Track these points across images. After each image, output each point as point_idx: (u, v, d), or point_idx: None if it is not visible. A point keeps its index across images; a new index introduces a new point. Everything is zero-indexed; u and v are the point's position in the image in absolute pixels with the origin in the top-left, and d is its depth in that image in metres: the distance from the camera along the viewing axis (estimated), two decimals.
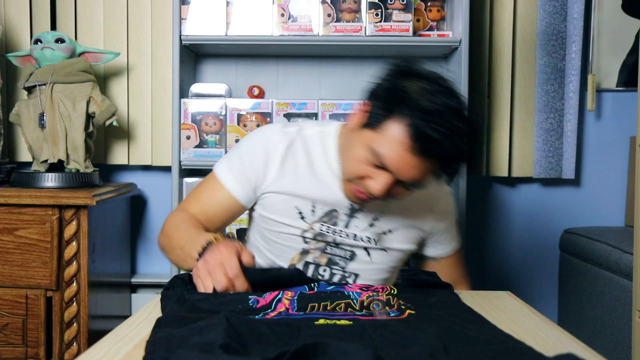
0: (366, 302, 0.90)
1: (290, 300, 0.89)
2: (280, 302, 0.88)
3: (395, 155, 0.99)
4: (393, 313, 0.87)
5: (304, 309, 0.87)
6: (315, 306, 0.88)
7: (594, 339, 1.76)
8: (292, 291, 0.92)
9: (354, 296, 0.92)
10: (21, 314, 1.59)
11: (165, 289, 1.02)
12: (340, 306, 0.89)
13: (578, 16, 1.97)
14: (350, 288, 0.97)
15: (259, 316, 0.84)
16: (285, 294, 0.90)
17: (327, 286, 0.97)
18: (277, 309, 0.87)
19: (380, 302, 0.90)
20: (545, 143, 2.00)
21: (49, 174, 1.70)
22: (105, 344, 0.73)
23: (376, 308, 0.89)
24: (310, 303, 0.88)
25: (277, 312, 0.86)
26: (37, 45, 1.75)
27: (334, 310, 0.88)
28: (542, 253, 2.11)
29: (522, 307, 0.96)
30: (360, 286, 0.99)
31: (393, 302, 0.90)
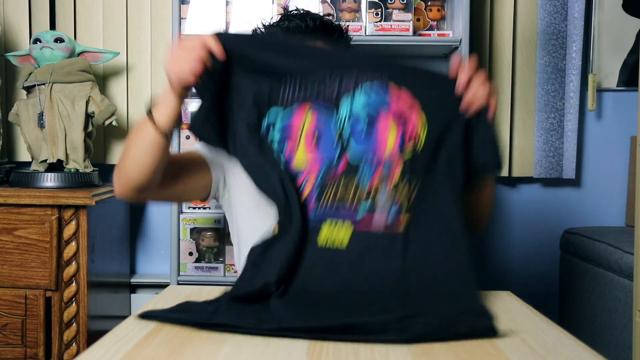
0: (375, 187, 0.98)
1: (313, 186, 0.99)
2: (306, 185, 0.99)
3: None
4: (393, 209, 0.96)
5: (319, 199, 0.97)
6: (328, 195, 0.97)
7: (595, 339, 1.75)
8: (315, 175, 0.99)
9: (366, 180, 0.98)
10: (20, 314, 1.59)
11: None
12: (350, 191, 0.97)
13: (578, 15, 1.96)
14: (385, 114, 1.01)
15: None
16: (309, 179, 0.99)
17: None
18: (303, 192, 0.98)
19: (386, 192, 0.97)
20: (546, 143, 2.00)
21: (48, 173, 1.70)
22: (105, 344, 0.73)
23: (380, 199, 0.97)
24: (327, 189, 0.98)
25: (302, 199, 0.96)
26: (36, 45, 1.75)
27: (342, 201, 0.97)
28: (542, 253, 2.10)
29: (522, 307, 0.95)
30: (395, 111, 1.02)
31: (400, 191, 0.97)
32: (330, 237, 0.95)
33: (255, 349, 0.72)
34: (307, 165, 1.01)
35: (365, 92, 1.03)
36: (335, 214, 0.96)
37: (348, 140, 1.02)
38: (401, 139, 1.01)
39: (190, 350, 0.72)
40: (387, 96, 1.02)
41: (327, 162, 1.01)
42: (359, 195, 0.97)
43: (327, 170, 1.01)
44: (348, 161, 1.01)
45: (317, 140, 1.02)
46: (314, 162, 1.01)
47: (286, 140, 1.02)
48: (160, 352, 0.71)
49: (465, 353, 0.72)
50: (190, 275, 1.80)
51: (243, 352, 0.71)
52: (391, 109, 1.02)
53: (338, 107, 1.03)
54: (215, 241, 1.85)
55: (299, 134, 1.03)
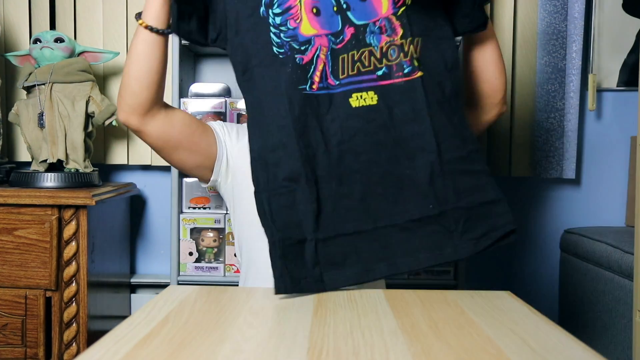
0: (385, 49, 1.07)
1: (326, 56, 1.07)
2: (319, 58, 1.07)
3: None
4: (407, 67, 1.07)
5: (336, 71, 1.07)
6: (346, 64, 1.07)
7: (595, 339, 1.75)
8: (326, 46, 1.08)
9: (375, 42, 1.07)
10: (20, 314, 1.59)
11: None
12: (365, 55, 1.07)
13: (579, 16, 1.96)
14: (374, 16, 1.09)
15: (307, 85, 1.07)
16: (321, 49, 1.07)
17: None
18: (317, 68, 1.07)
19: (396, 48, 1.07)
20: (546, 143, 2.00)
21: (48, 173, 1.70)
22: (105, 344, 0.73)
23: (392, 55, 1.07)
24: (341, 55, 1.07)
25: (319, 76, 1.07)
26: (36, 45, 1.75)
27: (360, 69, 1.07)
28: (542, 253, 2.11)
29: (522, 307, 0.95)
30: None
31: (407, 49, 1.07)
32: (361, 102, 1.06)
33: (256, 349, 0.72)
34: (315, 34, 1.08)
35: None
36: (359, 84, 1.06)
37: (346, 9, 1.09)
38: (393, 3, 1.09)
39: (190, 350, 0.72)
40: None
41: (332, 30, 1.08)
42: (374, 58, 1.07)
43: (335, 39, 1.08)
44: (353, 28, 1.08)
45: (316, 11, 1.09)
46: (320, 32, 1.08)
47: (287, 14, 1.09)
48: (160, 352, 0.71)
49: (465, 353, 0.72)
50: (190, 275, 1.80)
51: (243, 352, 0.71)
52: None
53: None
54: (215, 241, 1.85)
55: (299, 10, 1.09)
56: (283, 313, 0.88)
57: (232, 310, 0.89)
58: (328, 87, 1.07)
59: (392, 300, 0.97)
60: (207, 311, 0.89)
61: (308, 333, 0.78)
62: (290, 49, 1.08)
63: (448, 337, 0.78)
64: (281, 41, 1.09)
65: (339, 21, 1.09)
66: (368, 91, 1.06)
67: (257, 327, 0.81)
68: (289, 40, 1.08)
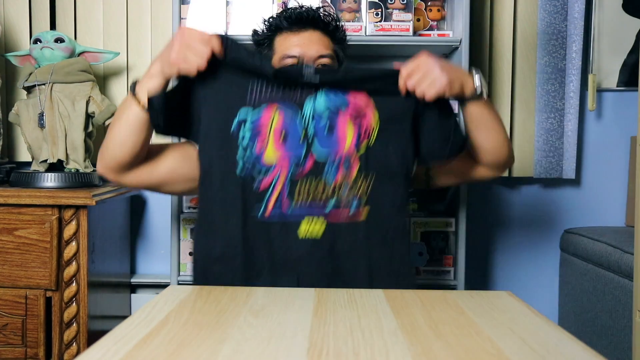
0: (339, 184, 1.15)
1: (284, 184, 1.15)
2: (276, 185, 1.15)
3: (291, 46, 1.28)
4: (355, 204, 1.15)
5: (291, 198, 1.14)
6: (301, 193, 1.15)
7: (594, 339, 1.76)
8: (285, 174, 1.15)
9: (331, 177, 1.16)
10: (20, 314, 1.59)
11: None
12: (319, 188, 1.15)
13: (579, 16, 1.96)
14: (343, 115, 1.18)
15: (260, 212, 1.14)
16: (280, 177, 1.15)
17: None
18: (273, 195, 1.14)
19: (348, 184, 1.15)
20: (546, 143, 2.00)
21: (49, 173, 1.70)
22: (105, 344, 0.73)
23: (344, 192, 1.16)
24: (298, 183, 1.14)
25: (273, 202, 1.14)
26: (36, 45, 1.75)
27: (314, 200, 1.15)
28: (542, 253, 2.11)
29: (522, 307, 0.95)
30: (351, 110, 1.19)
31: (359, 186, 1.16)
32: (308, 230, 1.14)
33: (255, 349, 0.72)
34: (278, 161, 1.15)
35: (326, 94, 1.18)
36: (310, 212, 1.14)
37: (312, 139, 1.17)
38: (357, 137, 1.17)
39: (190, 350, 0.72)
40: (345, 97, 1.18)
41: (295, 160, 1.16)
42: (327, 193, 1.15)
43: (296, 168, 1.16)
44: (314, 160, 1.16)
45: (284, 137, 1.16)
46: (283, 159, 1.16)
47: (256, 137, 1.16)
48: (160, 352, 0.71)
49: (465, 353, 0.72)
50: (190, 275, 1.80)
51: (243, 352, 0.71)
52: (348, 110, 1.18)
53: (302, 107, 1.17)
54: None
55: (268, 131, 1.16)
56: (283, 313, 0.88)
57: (232, 310, 0.89)
58: (281, 214, 1.15)
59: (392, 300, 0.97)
60: (207, 311, 0.89)
61: (308, 333, 0.78)
62: (250, 174, 1.15)
63: (448, 337, 0.78)
64: (243, 164, 1.16)
65: (303, 150, 1.17)
66: (319, 216, 1.15)
67: (257, 327, 0.81)
68: (251, 165, 1.15)
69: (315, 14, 1.31)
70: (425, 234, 1.82)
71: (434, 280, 1.81)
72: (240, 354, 0.71)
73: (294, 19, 1.30)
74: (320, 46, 1.30)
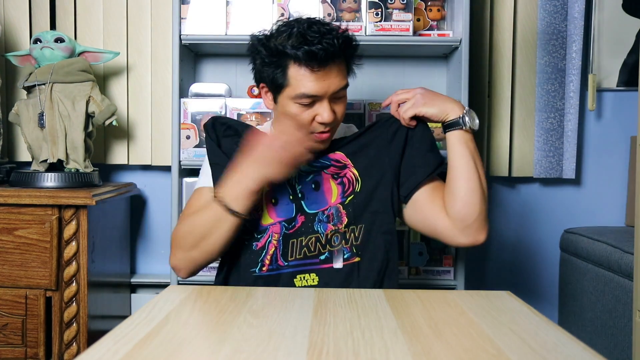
0: (330, 236, 1.23)
1: (278, 241, 1.23)
2: (271, 242, 1.23)
3: (309, 85, 1.18)
4: (347, 253, 1.23)
5: (285, 254, 1.22)
6: (294, 248, 1.22)
7: (594, 339, 1.76)
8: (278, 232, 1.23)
9: (321, 230, 1.23)
10: (21, 314, 1.59)
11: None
12: (312, 241, 1.22)
13: (578, 16, 1.96)
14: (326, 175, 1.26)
15: (257, 268, 1.23)
16: (273, 236, 1.23)
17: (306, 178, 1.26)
18: (268, 252, 1.23)
19: (339, 235, 1.23)
20: (546, 143, 2.00)
21: (49, 173, 1.70)
22: (105, 344, 0.73)
23: (335, 242, 1.23)
24: (291, 239, 1.22)
25: (269, 259, 1.23)
26: (36, 45, 1.75)
27: (307, 253, 1.22)
28: (542, 253, 2.11)
29: (522, 307, 0.95)
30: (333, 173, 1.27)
31: (349, 237, 1.23)
32: (304, 282, 1.22)
33: (255, 349, 0.72)
34: (271, 222, 1.24)
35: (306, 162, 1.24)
36: (302, 269, 1.22)
37: (300, 197, 1.24)
38: (342, 192, 1.25)
39: (190, 350, 0.72)
40: (326, 160, 1.26)
41: (286, 219, 1.23)
42: (319, 245, 1.22)
43: (288, 226, 1.23)
44: (305, 216, 1.23)
45: (275, 202, 1.24)
46: (275, 220, 1.24)
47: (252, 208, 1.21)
48: (160, 352, 0.71)
49: (465, 353, 0.72)
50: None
51: (243, 352, 0.71)
52: (330, 171, 1.26)
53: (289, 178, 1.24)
54: None
55: (262, 200, 1.23)
56: (283, 313, 0.88)
57: (232, 310, 0.89)
58: (278, 268, 1.22)
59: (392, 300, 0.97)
60: (207, 311, 0.89)
61: (308, 333, 0.78)
62: (249, 237, 1.24)
63: (448, 337, 0.78)
64: (246, 229, 1.22)
65: (293, 209, 1.24)
66: (310, 273, 1.22)
67: (257, 327, 0.81)
68: (251, 229, 1.24)
69: (336, 47, 1.18)
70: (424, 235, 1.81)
71: (434, 280, 1.81)
72: (240, 354, 0.71)
73: (318, 58, 1.17)
74: (339, 80, 1.21)
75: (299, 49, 1.16)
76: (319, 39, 1.16)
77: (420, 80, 1.98)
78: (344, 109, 1.27)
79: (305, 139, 1.16)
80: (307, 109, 1.21)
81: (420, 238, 1.81)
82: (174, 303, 0.92)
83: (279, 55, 1.19)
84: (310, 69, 1.17)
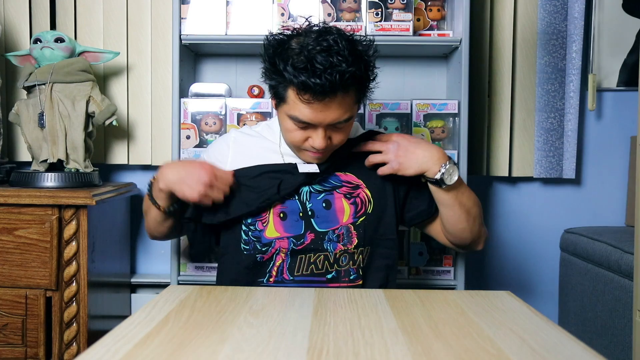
0: (338, 255, 1.23)
1: (285, 255, 1.23)
2: (278, 255, 1.24)
3: (305, 112, 1.13)
4: (353, 274, 1.24)
5: (292, 268, 1.23)
6: (302, 264, 1.23)
7: (594, 339, 1.76)
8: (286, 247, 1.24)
9: (331, 249, 1.24)
10: (20, 314, 1.59)
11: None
12: (320, 259, 1.23)
13: (578, 15, 1.96)
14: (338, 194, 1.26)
15: (265, 278, 1.25)
16: (281, 250, 1.23)
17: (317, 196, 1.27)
18: (275, 264, 1.24)
19: (347, 255, 1.24)
20: (546, 143, 2.00)
21: (49, 173, 1.70)
22: (105, 343, 0.73)
23: (344, 262, 1.24)
24: (300, 255, 1.23)
25: (276, 271, 1.24)
26: (36, 45, 1.75)
27: (314, 270, 1.23)
28: (542, 253, 2.11)
29: (522, 307, 0.95)
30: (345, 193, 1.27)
31: (356, 258, 1.24)
32: None
33: (256, 349, 0.72)
34: (278, 237, 1.24)
35: (319, 183, 1.26)
36: (308, 286, 1.18)
37: (311, 215, 1.24)
38: (354, 214, 1.25)
39: (190, 350, 0.72)
40: (337, 182, 1.27)
41: (294, 235, 1.23)
42: (327, 263, 1.23)
43: (296, 242, 1.23)
44: (314, 234, 1.23)
45: (283, 217, 1.24)
46: (283, 234, 1.24)
47: (257, 220, 1.25)
48: (160, 352, 0.71)
49: (465, 353, 0.72)
50: (190, 275, 1.80)
51: (243, 352, 0.71)
52: (342, 191, 1.26)
53: (299, 194, 1.26)
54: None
55: (268, 214, 1.25)
56: (283, 313, 0.88)
57: (232, 310, 0.89)
58: (283, 281, 1.24)
59: (392, 300, 0.97)
60: (207, 311, 0.89)
61: (308, 333, 0.78)
62: (254, 248, 1.24)
63: (448, 337, 0.78)
64: (248, 239, 1.25)
65: (302, 226, 1.24)
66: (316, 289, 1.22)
67: (257, 327, 0.81)
68: (255, 240, 1.25)
69: (338, 84, 1.08)
70: (425, 234, 1.81)
71: (434, 280, 1.81)
72: (240, 354, 0.71)
73: (315, 92, 1.08)
74: (339, 112, 1.13)
75: (297, 76, 1.08)
76: (322, 71, 1.06)
77: (421, 80, 1.98)
78: (345, 137, 1.21)
79: (205, 194, 1.19)
80: (302, 130, 1.18)
81: (420, 238, 1.81)
82: (174, 303, 0.92)
83: (279, 73, 1.12)
84: (305, 99, 1.10)
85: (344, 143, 1.24)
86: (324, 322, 0.83)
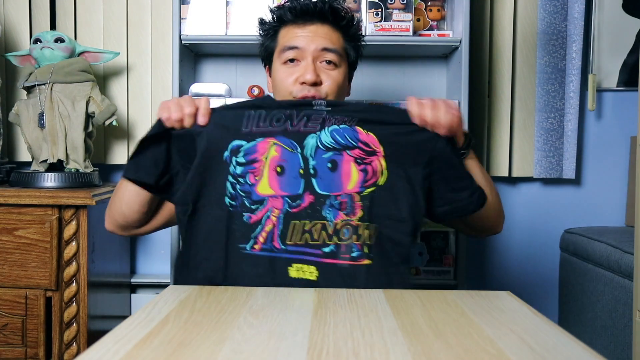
0: (339, 226, 1.06)
1: (277, 218, 1.06)
2: (268, 219, 1.06)
3: (294, 38, 1.19)
4: (356, 251, 1.06)
5: (284, 235, 1.05)
6: (295, 231, 1.05)
7: (594, 339, 1.75)
8: (279, 208, 1.06)
9: (330, 217, 1.06)
10: (20, 314, 1.59)
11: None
12: (316, 228, 1.06)
13: (578, 16, 1.96)
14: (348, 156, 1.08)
15: (249, 244, 1.05)
16: (273, 211, 1.06)
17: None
18: (264, 229, 1.06)
19: (350, 228, 1.06)
20: (546, 143, 2.00)
21: (49, 173, 1.70)
22: (105, 344, 0.73)
23: (345, 235, 1.06)
24: (293, 220, 1.05)
25: (264, 237, 1.05)
26: (36, 45, 1.75)
27: (308, 240, 1.05)
28: (542, 253, 2.11)
29: (522, 307, 0.95)
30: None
31: (361, 232, 1.06)
32: (300, 274, 1.05)
33: (255, 349, 0.72)
34: (271, 195, 1.07)
35: (331, 134, 1.10)
36: (301, 257, 1.05)
37: (312, 174, 1.08)
38: (362, 180, 1.08)
39: (190, 350, 0.72)
40: (356, 138, 1.09)
41: (290, 195, 1.07)
42: (325, 234, 1.06)
43: (291, 204, 1.07)
44: (313, 197, 1.07)
45: (281, 171, 1.08)
46: (278, 193, 1.07)
47: (250, 166, 1.08)
48: (160, 352, 0.71)
49: (465, 353, 0.72)
50: None
51: (243, 352, 0.71)
52: (354, 153, 1.09)
53: (303, 142, 1.09)
54: None
55: (262, 167, 1.08)
56: (283, 313, 0.88)
57: (232, 310, 0.89)
58: (272, 250, 1.05)
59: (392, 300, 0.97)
60: (207, 311, 0.89)
61: (308, 333, 0.78)
62: (241, 205, 1.07)
63: (448, 337, 0.78)
64: (235, 193, 1.08)
65: (301, 185, 1.08)
66: (309, 265, 1.05)
67: (257, 327, 0.81)
68: (243, 195, 1.07)
69: (324, 6, 1.21)
70: (425, 234, 1.82)
71: (434, 280, 1.81)
72: (240, 354, 0.71)
73: (299, 10, 1.21)
74: (326, 40, 1.19)
75: (282, 7, 1.24)
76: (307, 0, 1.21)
77: (421, 80, 1.98)
78: (334, 85, 1.18)
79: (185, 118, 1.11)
80: (293, 70, 1.19)
81: (420, 238, 1.81)
82: (174, 303, 0.92)
83: (271, 24, 1.27)
84: (294, 24, 1.21)
85: (335, 94, 1.19)
86: (324, 322, 0.83)
